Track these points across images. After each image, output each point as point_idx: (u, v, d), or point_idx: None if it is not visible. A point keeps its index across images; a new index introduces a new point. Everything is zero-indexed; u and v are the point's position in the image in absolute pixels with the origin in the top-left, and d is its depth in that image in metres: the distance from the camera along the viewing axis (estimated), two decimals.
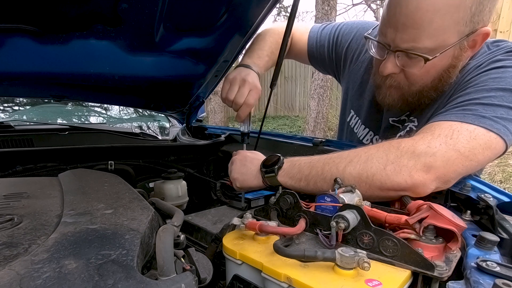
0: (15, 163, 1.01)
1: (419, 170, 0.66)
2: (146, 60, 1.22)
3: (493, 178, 3.87)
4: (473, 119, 0.70)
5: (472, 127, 0.69)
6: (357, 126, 1.13)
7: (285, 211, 0.68)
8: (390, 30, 0.77)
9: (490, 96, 0.72)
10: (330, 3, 5.14)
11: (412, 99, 0.88)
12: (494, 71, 0.76)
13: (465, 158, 0.67)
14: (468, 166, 0.68)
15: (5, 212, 0.55)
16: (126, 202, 0.64)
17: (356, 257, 0.47)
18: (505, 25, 4.70)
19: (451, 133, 0.69)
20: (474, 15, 0.71)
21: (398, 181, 0.67)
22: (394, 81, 0.86)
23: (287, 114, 9.66)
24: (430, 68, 0.79)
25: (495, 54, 0.79)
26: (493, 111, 0.70)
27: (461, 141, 0.67)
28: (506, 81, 0.73)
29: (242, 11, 1.03)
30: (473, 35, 0.75)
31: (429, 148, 0.67)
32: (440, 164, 0.66)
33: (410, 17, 0.73)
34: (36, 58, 1.08)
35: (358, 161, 0.71)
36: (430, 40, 0.74)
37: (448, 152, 0.66)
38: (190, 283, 0.40)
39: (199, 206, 1.29)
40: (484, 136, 0.69)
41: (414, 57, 0.77)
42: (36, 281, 0.36)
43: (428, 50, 0.75)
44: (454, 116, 0.72)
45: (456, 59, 0.78)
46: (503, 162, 4.09)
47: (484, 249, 0.54)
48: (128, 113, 2.38)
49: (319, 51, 1.20)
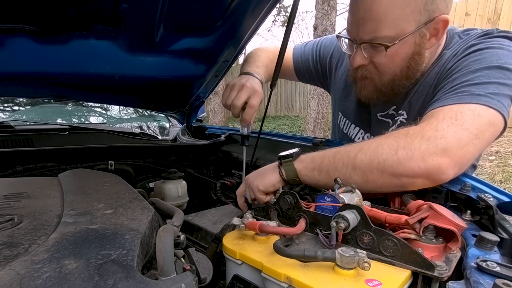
0: (15, 163, 1.01)
1: (432, 154, 0.65)
2: (146, 60, 1.22)
3: (493, 178, 3.87)
4: (470, 98, 0.72)
5: (473, 106, 0.70)
6: (346, 127, 1.17)
7: (285, 211, 0.68)
8: (354, 26, 0.85)
9: (477, 76, 0.75)
10: (330, 3, 5.14)
11: (385, 89, 0.93)
12: (472, 54, 0.80)
13: (474, 137, 0.67)
14: (478, 145, 0.68)
15: (5, 212, 0.55)
16: (126, 202, 0.64)
17: (356, 257, 0.47)
18: (505, 25, 4.70)
19: (455, 115, 0.70)
20: (427, 4, 0.78)
21: (411, 166, 0.66)
22: (365, 71, 0.92)
23: (287, 114, 9.66)
24: (394, 56, 0.84)
25: (468, 41, 0.84)
26: (485, 88, 0.73)
27: (466, 120, 0.68)
28: (487, 60, 0.77)
29: (242, 11, 1.03)
30: (432, 23, 0.80)
31: (437, 131, 0.67)
32: (453, 145, 0.65)
33: (368, 11, 0.80)
34: (36, 58, 1.08)
35: (369, 148, 0.71)
36: (389, 30, 0.80)
37: (458, 131, 0.67)
38: (190, 283, 0.40)
39: (199, 206, 1.29)
40: (486, 112, 0.70)
41: (377, 47, 0.83)
42: (36, 281, 0.36)
43: (389, 39, 0.81)
44: (451, 100, 0.74)
45: (419, 46, 0.84)
46: (503, 162, 4.10)
47: (484, 249, 0.54)
48: (128, 113, 2.38)
49: (304, 65, 1.28)
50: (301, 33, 13.60)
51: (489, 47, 0.79)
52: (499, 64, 0.76)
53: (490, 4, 4.87)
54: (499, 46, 0.79)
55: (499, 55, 0.77)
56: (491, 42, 0.80)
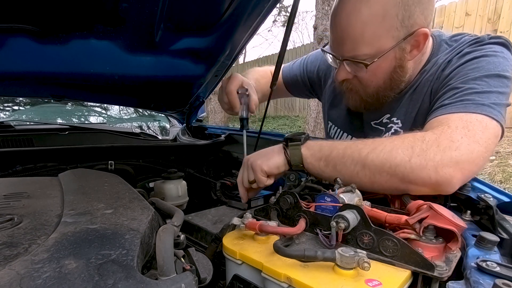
0: (15, 163, 1.01)
1: (445, 166, 0.64)
2: (146, 60, 1.22)
3: (493, 178, 3.86)
4: (475, 108, 0.72)
5: (480, 117, 0.71)
6: (337, 135, 1.18)
7: (285, 211, 0.68)
8: (335, 44, 0.88)
9: (478, 84, 0.76)
10: (330, 3, 5.14)
11: (371, 100, 0.95)
12: (469, 62, 0.80)
13: (484, 150, 0.67)
14: (486, 158, 0.68)
15: (5, 212, 0.55)
16: (126, 202, 0.64)
17: (356, 257, 0.47)
18: (505, 25, 4.70)
19: (466, 125, 0.69)
20: (403, 21, 0.79)
21: (422, 176, 0.65)
22: (350, 84, 0.95)
23: (287, 114, 9.66)
24: (376, 71, 0.86)
25: (461, 49, 0.84)
26: (488, 97, 0.73)
27: (477, 132, 0.68)
28: (485, 68, 0.77)
29: (242, 10, 1.03)
30: (411, 37, 0.82)
31: (452, 142, 0.66)
32: (466, 159, 0.65)
33: (345, 32, 0.83)
34: (36, 58, 1.08)
35: (383, 150, 0.69)
36: (367, 48, 0.82)
37: (471, 145, 0.66)
38: (190, 283, 0.40)
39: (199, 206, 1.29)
40: (491, 125, 0.71)
41: (359, 63, 0.85)
42: (36, 281, 0.36)
43: (369, 56, 0.83)
44: (456, 108, 0.74)
45: (400, 60, 0.85)
46: (503, 162, 4.10)
47: (484, 249, 0.54)
48: (128, 113, 2.38)
49: (293, 80, 1.34)
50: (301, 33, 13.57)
51: (484, 55, 0.80)
52: (497, 72, 0.76)
53: (490, 4, 4.87)
54: (494, 53, 0.79)
55: (495, 63, 0.78)
56: (484, 49, 0.81)
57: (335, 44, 0.88)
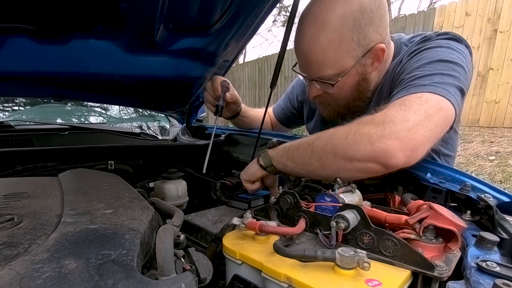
0: (15, 163, 1.01)
1: (380, 137, 0.67)
2: (146, 60, 1.22)
3: (493, 178, 3.86)
4: (416, 89, 0.76)
5: (419, 94, 0.74)
6: None
7: (285, 211, 0.68)
8: (302, 67, 0.97)
9: (421, 70, 0.80)
10: None
11: (343, 110, 1.04)
12: (414, 57, 0.87)
13: (423, 119, 0.68)
14: (429, 128, 0.68)
15: (5, 212, 0.55)
16: (126, 202, 0.64)
17: (356, 257, 0.47)
18: (505, 25, 4.70)
19: (403, 102, 0.73)
20: (359, 42, 0.86)
21: (359, 149, 0.68)
22: (322, 99, 1.04)
23: None
24: (343, 87, 0.94)
25: (411, 48, 0.91)
26: (429, 79, 0.77)
27: (414, 105, 0.71)
28: (427, 57, 0.83)
29: (242, 11, 1.03)
30: (370, 53, 0.89)
31: (386, 116, 0.70)
32: (401, 128, 0.66)
33: (308, 57, 0.91)
34: (36, 58, 1.08)
35: (325, 135, 0.77)
36: (331, 69, 0.90)
37: (405, 115, 0.68)
38: (190, 283, 0.40)
39: (199, 206, 1.29)
40: (433, 98, 0.73)
41: (325, 82, 0.93)
42: (36, 281, 0.36)
43: (333, 76, 0.91)
44: (399, 94, 0.78)
45: (363, 74, 0.93)
46: (503, 162, 4.10)
47: (484, 249, 0.54)
48: (128, 113, 2.38)
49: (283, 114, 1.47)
50: None
51: (428, 47, 0.85)
52: (439, 58, 0.81)
53: (490, 4, 4.87)
54: (438, 45, 0.85)
55: (437, 51, 0.83)
56: (429, 44, 0.86)
57: (302, 67, 0.96)
